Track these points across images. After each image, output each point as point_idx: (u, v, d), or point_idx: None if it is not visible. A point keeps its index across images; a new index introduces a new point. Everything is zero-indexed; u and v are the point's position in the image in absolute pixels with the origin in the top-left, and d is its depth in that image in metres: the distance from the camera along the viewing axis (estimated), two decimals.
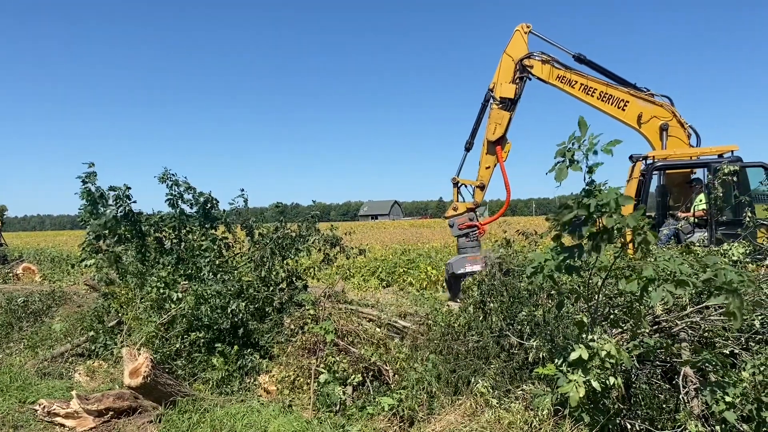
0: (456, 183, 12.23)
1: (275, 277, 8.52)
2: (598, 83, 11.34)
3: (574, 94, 11.44)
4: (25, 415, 6.69)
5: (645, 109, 11.07)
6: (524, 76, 11.68)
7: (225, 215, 10.08)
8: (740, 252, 6.54)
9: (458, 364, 6.26)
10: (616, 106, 11.23)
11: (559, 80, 11.52)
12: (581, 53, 11.48)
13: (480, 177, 12.24)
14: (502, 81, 11.71)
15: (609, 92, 11.28)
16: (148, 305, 7.98)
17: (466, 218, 12.01)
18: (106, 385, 7.35)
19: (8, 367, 8.29)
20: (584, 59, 11.52)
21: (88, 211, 9.19)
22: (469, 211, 12.10)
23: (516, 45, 11.71)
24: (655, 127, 11.03)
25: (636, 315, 5.17)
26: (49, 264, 21.87)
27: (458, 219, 12.03)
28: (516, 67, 11.61)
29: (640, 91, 11.21)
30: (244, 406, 6.37)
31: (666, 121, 10.95)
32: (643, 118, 11.04)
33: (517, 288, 6.79)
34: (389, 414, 5.90)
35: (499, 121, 11.73)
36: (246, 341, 7.74)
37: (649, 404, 5.12)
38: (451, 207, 12.23)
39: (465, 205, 12.14)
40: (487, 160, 12.15)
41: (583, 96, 11.35)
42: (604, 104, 11.27)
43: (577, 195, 4.58)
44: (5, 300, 10.99)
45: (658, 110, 11.08)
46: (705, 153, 10.68)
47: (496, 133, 11.76)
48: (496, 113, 11.74)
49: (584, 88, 11.36)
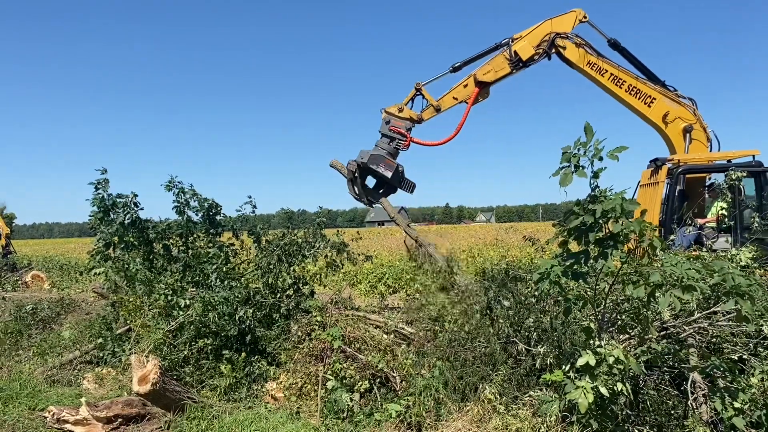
0: (418, 89, 11.35)
1: (282, 284, 8.54)
2: (628, 75, 11.09)
3: (602, 82, 11.16)
4: (34, 422, 6.72)
5: (671, 109, 10.92)
6: (548, 52, 11.18)
7: (232, 222, 10.11)
8: (747, 257, 6.51)
9: (465, 371, 6.26)
10: (643, 101, 11.01)
11: (590, 66, 11.14)
12: (616, 39, 11.16)
13: (441, 100, 11.41)
14: (527, 39, 11.14)
15: (638, 86, 11.05)
16: (156, 312, 8.01)
17: (403, 124, 11.12)
18: (115, 392, 7.38)
19: (18, 375, 8.34)
20: (619, 45, 11.17)
21: (99, 218, 9.23)
22: (411, 120, 11.23)
23: (563, 21, 11.23)
24: (678, 128, 10.89)
25: (643, 321, 5.16)
26: (57, 271, 21.96)
27: (396, 120, 11.12)
28: (549, 39, 11.10)
29: (667, 90, 11.05)
30: (252, 412, 6.39)
31: (690, 123, 10.82)
32: (669, 117, 10.87)
33: (523, 294, 6.79)
34: (397, 421, 5.91)
35: (497, 69, 11.18)
36: (253, 348, 7.76)
37: (658, 410, 5.10)
38: (396, 105, 11.28)
39: (410, 112, 11.28)
40: (459, 92, 11.41)
41: (612, 86, 11.08)
42: (632, 98, 11.03)
43: (582, 201, 4.59)
44: (14, 308, 11.06)
45: (683, 111, 10.95)
46: (728, 157, 10.60)
47: (487, 76, 11.16)
48: (500, 61, 11.17)
49: (614, 79, 11.08)
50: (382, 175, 10.59)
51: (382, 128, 11.12)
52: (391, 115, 11.12)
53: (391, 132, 11.01)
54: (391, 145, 10.98)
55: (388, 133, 11.03)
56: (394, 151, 11.00)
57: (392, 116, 11.10)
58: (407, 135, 11.00)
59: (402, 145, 11.03)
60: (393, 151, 10.98)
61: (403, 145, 11.03)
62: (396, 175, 10.75)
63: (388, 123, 11.04)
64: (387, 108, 11.19)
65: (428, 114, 11.32)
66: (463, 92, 11.31)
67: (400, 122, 11.05)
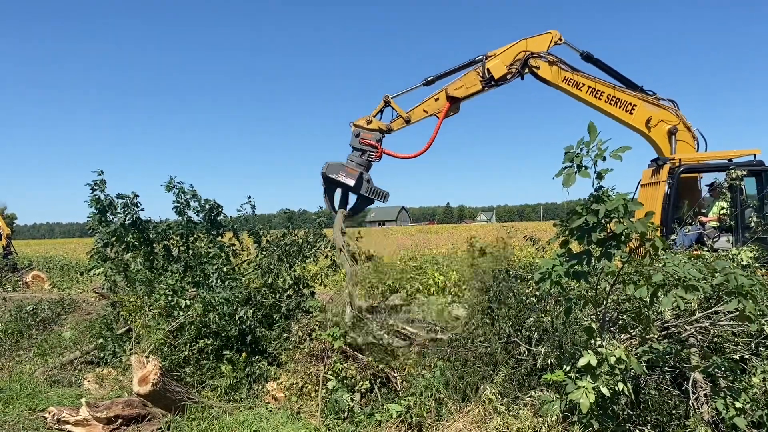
0: (387, 101, 11.47)
1: (283, 284, 8.54)
2: (606, 86, 11.17)
3: (581, 96, 11.23)
4: (35, 422, 6.72)
5: (653, 113, 10.98)
6: (521, 72, 11.30)
7: (232, 222, 10.11)
8: (749, 256, 6.50)
9: (466, 371, 6.25)
10: (624, 109, 11.09)
11: (566, 82, 11.22)
12: (589, 52, 11.27)
13: (412, 112, 11.50)
14: (501, 58, 11.27)
15: (617, 95, 11.10)
16: (157, 313, 8.00)
17: (372, 136, 11.21)
18: (116, 392, 7.38)
19: (18, 375, 8.34)
20: (592, 58, 11.30)
21: (97, 219, 9.23)
22: (380, 131, 11.32)
23: (538, 42, 11.34)
24: (663, 131, 10.95)
25: (645, 320, 5.16)
26: (58, 272, 21.97)
27: (365, 133, 11.22)
28: (522, 58, 11.21)
29: (647, 95, 11.11)
30: (253, 413, 6.38)
31: (674, 125, 10.88)
32: (652, 122, 10.94)
33: (524, 294, 6.78)
34: (397, 421, 5.90)
35: (469, 86, 11.30)
36: (254, 348, 7.76)
37: (659, 410, 5.09)
38: (365, 118, 11.41)
39: (379, 124, 11.36)
40: (430, 105, 11.50)
41: (591, 99, 11.16)
42: (612, 107, 11.10)
43: (585, 201, 4.58)
44: (15, 308, 11.06)
45: (665, 114, 11.01)
46: (730, 156, 10.63)
47: (458, 92, 11.30)
48: (472, 77, 11.30)
49: (592, 91, 11.16)
50: (345, 183, 10.71)
51: (353, 142, 11.25)
52: (360, 127, 11.22)
53: (362, 144, 11.14)
54: (363, 158, 11.10)
55: (359, 146, 11.17)
56: (366, 163, 11.15)
57: (361, 129, 11.21)
58: (378, 146, 11.11)
59: (374, 157, 11.17)
60: (365, 164, 11.14)
61: (374, 157, 11.17)
62: (361, 183, 10.87)
63: (357, 136, 11.18)
64: (355, 121, 11.32)
65: (398, 125, 11.45)
66: (434, 106, 11.43)
67: (369, 134, 11.17)
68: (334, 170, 10.83)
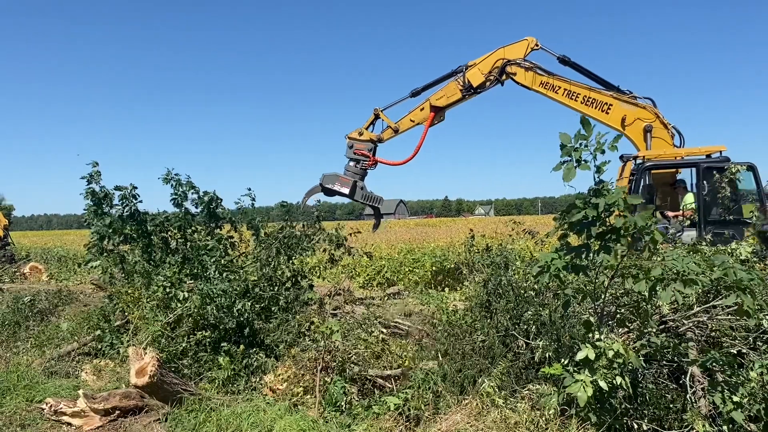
0: (377, 113, 12.52)
1: (281, 277, 8.54)
2: (581, 87, 11.46)
3: (558, 99, 11.58)
4: (32, 413, 6.71)
5: (628, 112, 11.19)
6: (499, 79, 11.87)
7: (230, 214, 10.10)
8: (748, 251, 6.50)
9: (464, 364, 6.25)
10: (600, 109, 11.35)
11: (543, 86, 11.66)
12: (566, 55, 11.66)
13: (400, 123, 12.55)
14: (479, 67, 11.92)
15: (592, 96, 11.41)
16: (155, 305, 7.99)
17: (365, 146, 12.37)
18: (113, 384, 7.36)
19: (15, 366, 8.32)
20: (568, 61, 11.68)
21: (92, 211, 9.21)
22: (371, 142, 12.44)
23: (515, 49, 11.87)
24: (639, 129, 11.15)
25: (643, 314, 5.16)
26: (56, 263, 21.91)
27: (358, 144, 12.40)
28: (499, 66, 11.77)
29: (623, 94, 11.34)
30: (250, 405, 6.38)
31: (649, 122, 11.08)
32: (627, 120, 11.16)
33: (522, 287, 6.78)
34: (395, 413, 5.90)
35: (449, 95, 12.09)
36: (252, 340, 7.75)
37: (656, 404, 5.09)
38: (357, 130, 12.52)
39: (370, 135, 12.48)
40: (416, 114, 12.44)
41: (567, 101, 11.49)
42: (588, 108, 11.37)
43: (584, 194, 4.57)
44: (12, 299, 11.02)
45: (641, 112, 11.21)
46: (693, 153, 10.82)
47: (440, 101, 12.14)
48: (452, 87, 12.09)
49: (568, 93, 11.49)
50: (339, 192, 11.96)
51: (347, 153, 12.48)
52: (353, 139, 12.40)
53: (356, 155, 12.34)
54: (358, 167, 12.30)
55: (353, 156, 12.39)
56: (362, 171, 12.39)
57: (354, 140, 12.40)
58: (370, 155, 12.29)
59: (367, 165, 12.36)
60: (360, 172, 12.37)
61: (368, 165, 12.36)
62: (355, 190, 12.09)
63: (351, 147, 12.40)
64: (349, 134, 12.47)
65: (387, 135, 12.55)
66: (419, 115, 12.39)
67: (362, 145, 12.38)
68: (330, 181, 12.06)
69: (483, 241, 13.04)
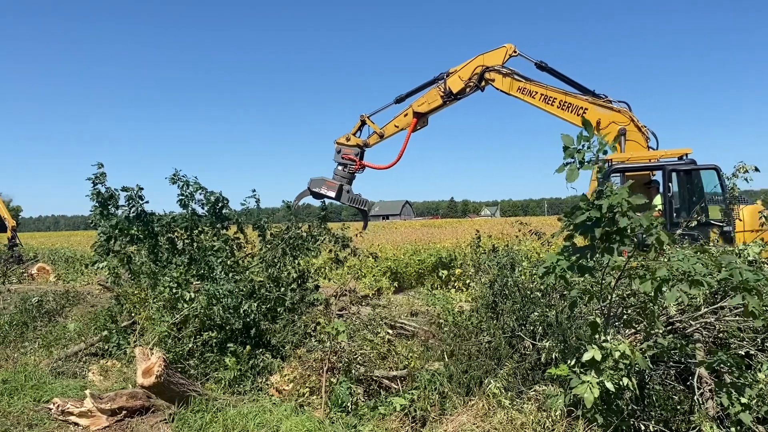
0: (363, 119, 12.94)
1: (287, 277, 8.54)
2: (557, 92, 11.63)
3: (535, 104, 11.77)
4: (39, 413, 6.76)
5: (603, 116, 11.28)
6: (478, 85, 12.13)
7: (236, 215, 10.12)
8: (755, 252, 6.46)
9: (470, 365, 6.24)
10: (576, 113, 11.47)
11: (520, 92, 11.88)
12: (543, 61, 11.90)
13: (385, 128, 12.98)
14: (459, 73, 12.23)
15: (568, 101, 11.56)
16: (161, 305, 8.02)
17: (352, 151, 12.81)
18: (120, 384, 7.40)
19: (23, 367, 8.37)
20: (545, 67, 11.90)
21: (98, 212, 9.25)
22: (358, 147, 12.87)
23: (494, 56, 12.15)
24: (613, 132, 11.22)
25: (650, 315, 5.13)
26: (63, 264, 22.00)
27: (345, 149, 12.85)
28: (480, 72, 12.04)
29: (598, 98, 11.46)
30: (256, 405, 6.39)
31: (624, 126, 11.15)
32: (602, 124, 11.25)
33: (529, 288, 6.76)
34: (401, 414, 5.90)
35: (430, 102, 12.46)
36: (258, 341, 7.76)
37: (664, 405, 5.07)
38: (345, 136, 12.93)
39: (357, 140, 12.93)
40: (400, 120, 12.84)
41: (544, 105, 11.67)
42: (564, 112, 11.54)
43: (587, 195, 4.56)
44: (20, 300, 11.10)
45: (616, 116, 11.30)
46: (660, 156, 10.87)
47: (421, 107, 12.52)
48: (434, 93, 12.45)
49: (544, 98, 11.68)
50: (326, 195, 12.42)
51: (336, 157, 12.94)
52: (341, 144, 12.86)
53: (343, 159, 12.78)
54: (346, 171, 12.77)
55: (341, 161, 12.84)
56: (349, 175, 12.87)
57: (342, 145, 12.85)
58: (357, 160, 12.76)
59: (354, 169, 12.84)
60: (348, 176, 12.85)
61: (354, 169, 12.84)
62: (341, 193, 12.56)
63: (339, 152, 12.87)
64: (337, 139, 12.92)
65: (373, 140, 13.00)
66: (403, 121, 12.80)
67: (349, 149, 12.85)
68: (317, 185, 12.57)
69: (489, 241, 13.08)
